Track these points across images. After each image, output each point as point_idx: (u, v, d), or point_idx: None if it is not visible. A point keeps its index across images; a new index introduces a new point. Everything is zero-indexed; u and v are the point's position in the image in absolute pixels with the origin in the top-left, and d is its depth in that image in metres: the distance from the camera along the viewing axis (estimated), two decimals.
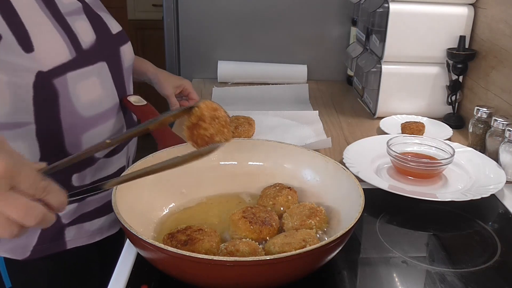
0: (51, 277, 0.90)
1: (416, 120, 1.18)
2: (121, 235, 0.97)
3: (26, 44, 0.76)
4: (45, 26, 0.79)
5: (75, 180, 0.86)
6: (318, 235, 0.70)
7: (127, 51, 0.95)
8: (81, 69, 0.82)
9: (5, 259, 0.86)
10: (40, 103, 0.78)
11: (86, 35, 0.85)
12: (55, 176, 0.83)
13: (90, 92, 0.84)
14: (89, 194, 0.61)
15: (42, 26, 0.79)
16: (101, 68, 0.86)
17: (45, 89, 0.77)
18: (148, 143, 1.04)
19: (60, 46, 0.80)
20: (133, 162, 1.04)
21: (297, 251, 0.58)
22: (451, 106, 1.28)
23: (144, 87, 1.11)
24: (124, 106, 0.93)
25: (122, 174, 0.70)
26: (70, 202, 0.79)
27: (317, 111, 1.27)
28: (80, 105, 0.82)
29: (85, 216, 0.90)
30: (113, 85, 0.90)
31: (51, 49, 0.78)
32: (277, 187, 0.79)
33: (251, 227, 0.70)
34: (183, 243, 0.65)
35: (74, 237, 0.89)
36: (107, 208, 0.92)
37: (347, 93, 1.55)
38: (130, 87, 0.98)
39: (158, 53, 1.63)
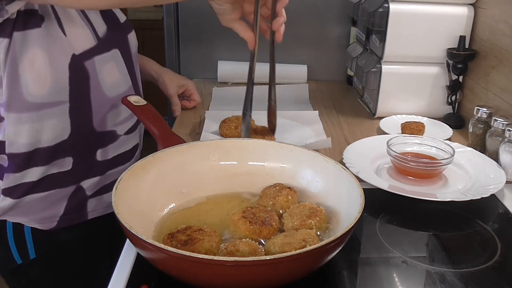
0: (72, 248, 0.98)
1: (416, 120, 1.18)
2: None
3: (62, 28, 0.85)
4: (72, 15, 0.88)
5: (99, 155, 0.96)
6: (318, 234, 0.70)
7: (132, 39, 1.03)
8: (102, 54, 0.91)
9: (32, 230, 0.93)
10: (74, 83, 0.87)
11: (99, 25, 0.93)
12: (81, 152, 0.92)
13: (112, 75, 0.94)
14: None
15: (70, 15, 0.87)
16: (116, 54, 0.96)
17: (78, 70, 0.87)
18: (148, 143, 1.04)
19: (85, 33, 0.89)
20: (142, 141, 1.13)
21: (297, 251, 0.58)
22: (451, 106, 1.28)
23: (144, 87, 1.11)
24: (137, 90, 1.03)
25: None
26: (94, 176, 0.91)
27: (317, 111, 1.27)
28: (105, 86, 0.92)
29: (105, 189, 0.98)
30: (126, 70, 0.98)
31: (79, 35, 0.88)
32: (277, 187, 0.80)
33: (251, 227, 0.70)
34: (183, 243, 0.65)
35: (95, 208, 0.98)
36: None
37: (347, 93, 1.55)
38: (138, 73, 1.06)
39: (158, 53, 1.63)
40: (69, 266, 1.00)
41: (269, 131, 1.07)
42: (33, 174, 0.89)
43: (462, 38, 1.21)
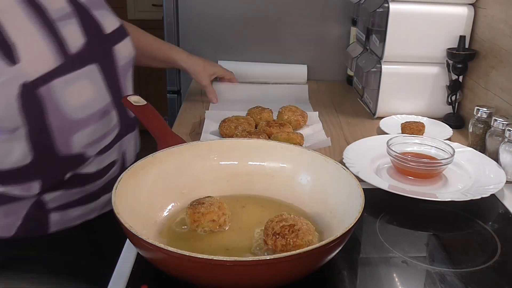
0: (36, 257, 0.93)
1: (416, 120, 1.18)
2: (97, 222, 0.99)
3: (11, 56, 0.77)
4: (31, 35, 0.80)
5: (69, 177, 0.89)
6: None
7: (122, 48, 0.96)
8: (69, 74, 0.83)
9: None
10: (28, 110, 0.80)
11: (75, 39, 0.86)
12: (49, 175, 0.86)
13: (80, 95, 0.86)
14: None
15: (28, 35, 0.80)
16: (91, 70, 0.88)
17: (31, 98, 0.79)
18: (148, 143, 1.04)
19: (46, 54, 0.81)
20: (136, 155, 1.08)
21: (297, 251, 0.58)
22: (451, 106, 1.28)
23: (144, 87, 1.11)
24: (121, 104, 0.94)
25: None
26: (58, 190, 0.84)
27: (317, 112, 1.27)
28: (69, 109, 0.84)
29: (70, 204, 0.92)
30: (105, 86, 0.91)
31: (36, 58, 0.80)
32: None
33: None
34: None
35: (58, 222, 0.92)
36: (89, 198, 0.95)
37: (347, 93, 1.55)
38: (127, 84, 0.99)
39: None
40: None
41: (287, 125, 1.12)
42: None
43: (462, 38, 1.21)
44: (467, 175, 0.97)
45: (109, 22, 0.95)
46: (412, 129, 1.14)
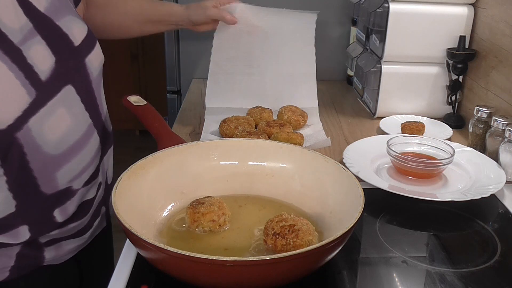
0: None
1: (416, 120, 1.18)
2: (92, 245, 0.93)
3: None
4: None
5: (58, 215, 0.79)
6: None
7: (93, 58, 0.83)
8: (44, 107, 0.72)
9: None
10: (6, 159, 0.71)
11: (44, 61, 0.73)
12: (36, 218, 0.78)
13: (58, 127, 0.75)
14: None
15: None
16: (67, 93, 0.76)
17: (8, 145, 0.70)
18: (148, 143, 1.04)
19: (17, 92, 0.69)
20: (114, 172, 0.97)
21: (297, 251, 0.58)
22: (451, 106, 1.28)
23: (143, 87, 1.11)
24: (99, 122, 0.85)
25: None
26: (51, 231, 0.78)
27: (317, 106, 1.26)
28: (48, 146, 0.74)
29: (63, 238, 0.84)
30: (83, 107, 0.80)
31: (8, 101, 0.68)
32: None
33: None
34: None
35: (52, 258, 0.84)
36: (82, 229, 0.87)
37: (347, 93, 1.55)
38: (101, 97, 0.87)
39: (158, 53, 1.63)
40: None
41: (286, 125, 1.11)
42: None
43: (462, 38, 1.21)
44: (467, 175, 0.97)
45: (77, 30, 0.81)
46: (412, 129, 1.14)
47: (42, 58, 0.73)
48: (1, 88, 0.67)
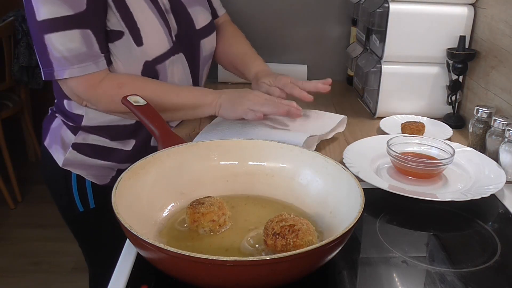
0: None
1: (416, 120, 1.18)
2: None
3: (138, 39, 0.98)
4: (152, 22, 1.01)
5: (154, 141, 1.08)
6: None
7: (207, 42, 1.14)
8: (172, 56, 1.05)
9: (92, 182, 1.10)
10: None
11: (173, 29, 1.06)
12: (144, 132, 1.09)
13: (176, 75, 1.07)
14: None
15: (150, 22, 1.00)
16: (181, 58, 1.08)
17: (149, 73, 1.02)
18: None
19: (162, 38, 1.02)
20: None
21: (297, 251, 0.58)
22: (451, 106, 1.28)
23: None
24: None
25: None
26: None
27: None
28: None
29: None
30: (189, 73, 1.11)
31: (156, 41, 1.01)
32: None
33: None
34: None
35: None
36: None
37: (347, 93, 1.55)
38: (203, 73, 1.18)
39: None
40: None
41: None
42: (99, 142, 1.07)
43: (462, 38, 1.21)
44: (467, 175, 0.97)
45: (201, 18, 1.12)
46: (412, 129, 1.14)
47: (173, 27, 1.07)
48: (153, 34, 1.01)
